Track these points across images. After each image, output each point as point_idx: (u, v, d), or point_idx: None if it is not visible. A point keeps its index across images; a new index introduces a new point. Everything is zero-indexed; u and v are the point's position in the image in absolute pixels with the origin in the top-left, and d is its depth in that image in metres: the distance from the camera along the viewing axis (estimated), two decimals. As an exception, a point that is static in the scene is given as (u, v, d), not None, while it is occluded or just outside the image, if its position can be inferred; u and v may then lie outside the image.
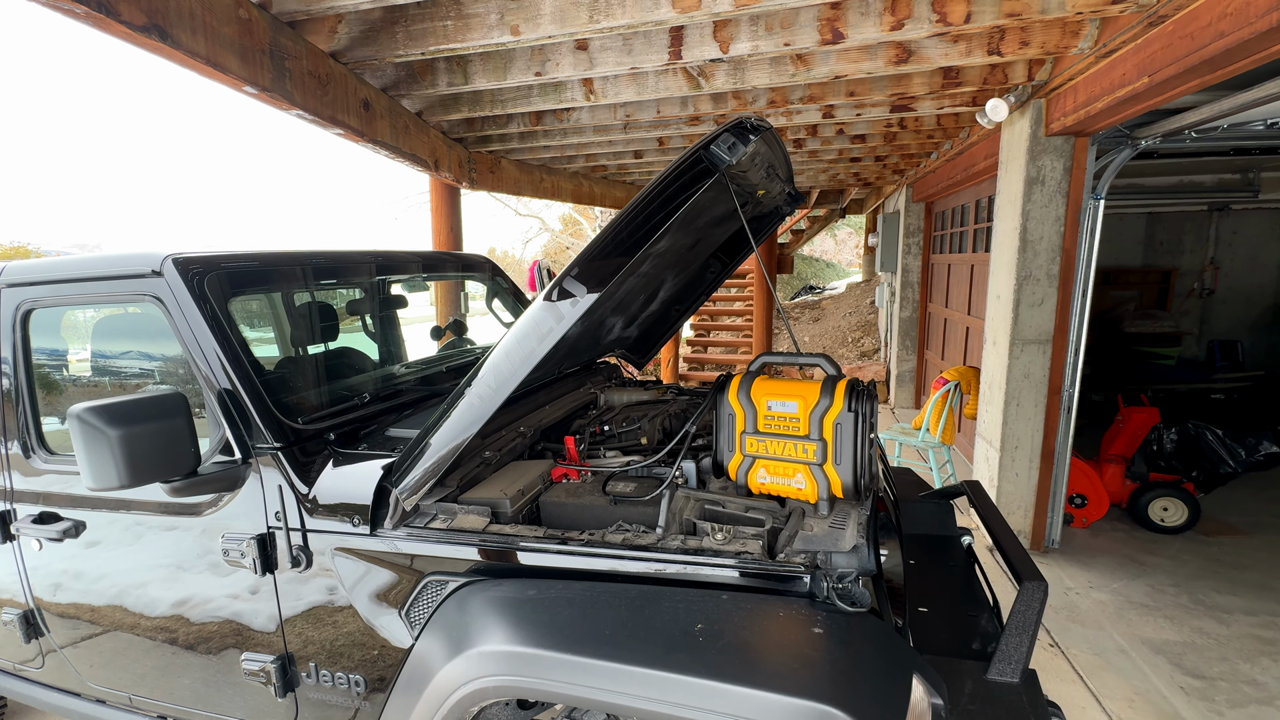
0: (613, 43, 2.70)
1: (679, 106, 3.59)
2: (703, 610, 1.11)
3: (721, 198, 1.63)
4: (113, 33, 1.67)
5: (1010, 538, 1.70)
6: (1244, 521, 3.76)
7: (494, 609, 1.21)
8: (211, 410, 1.48)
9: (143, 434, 1.30)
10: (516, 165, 5.03)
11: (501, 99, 3.38)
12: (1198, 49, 2.00)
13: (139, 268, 1.54)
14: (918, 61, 2.77)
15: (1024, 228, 3.16)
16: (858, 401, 1.26)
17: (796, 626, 1.07)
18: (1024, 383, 3.31)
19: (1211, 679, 2.41)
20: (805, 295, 13.40)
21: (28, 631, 1.85)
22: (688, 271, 2.33)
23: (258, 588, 1.50)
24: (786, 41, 2.51)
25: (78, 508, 1.71)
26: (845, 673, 0.99)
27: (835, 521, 1.28)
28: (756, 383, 1.36)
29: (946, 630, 1.53)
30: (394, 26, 2.49)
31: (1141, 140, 2.99)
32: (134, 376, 1.81)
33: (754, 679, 0.97)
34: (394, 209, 30.47)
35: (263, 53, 2.17)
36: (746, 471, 1.37)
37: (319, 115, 2.56)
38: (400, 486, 1.34)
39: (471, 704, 1.16)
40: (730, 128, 1.12)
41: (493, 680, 1.12)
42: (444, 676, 1.19)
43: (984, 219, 4.70)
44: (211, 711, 1.65)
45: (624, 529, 1.33)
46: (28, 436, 1.77)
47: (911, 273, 6.76)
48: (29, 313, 1.75)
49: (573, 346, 2.01)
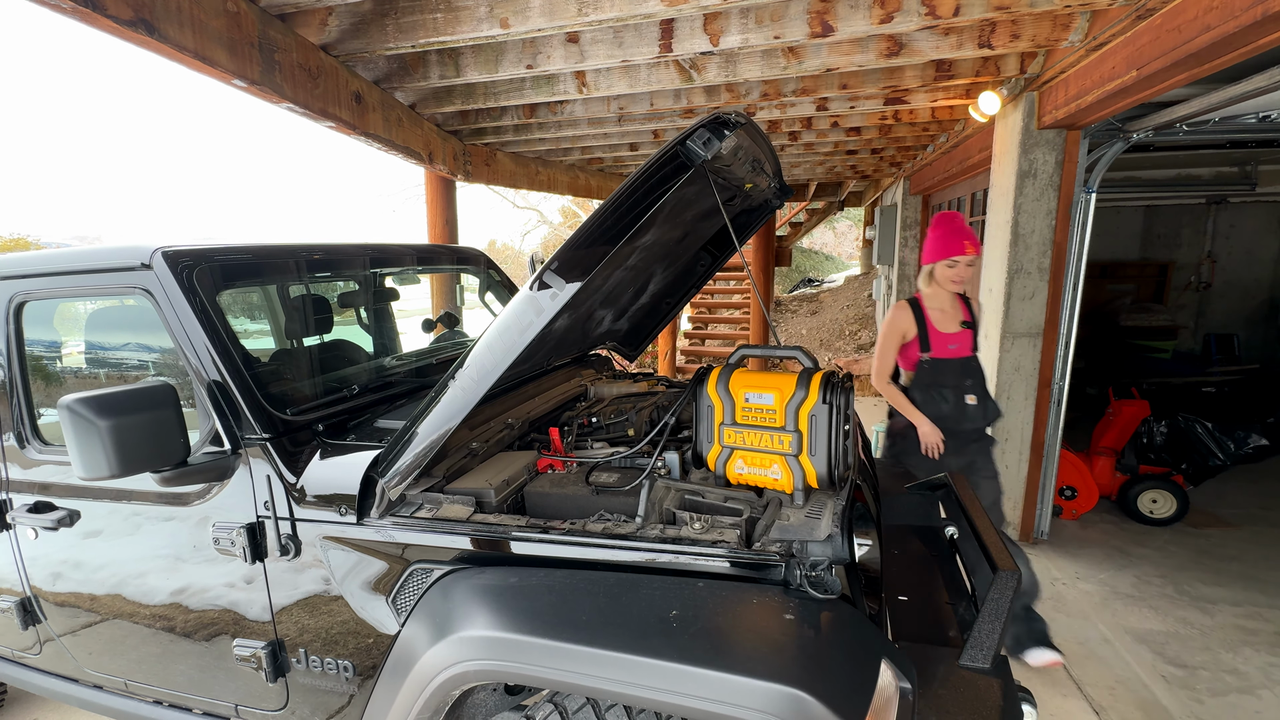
0: (603, 35, 2.70)
1: (672, 99, 3.59)
2: (678, 597, 1.14)
3: (705, 192, 1.64)
4: (100, 27, 1.67)
5: (988, 527, 1.72)
6: (1232, 514, 3.79)
7: (476, 596, 1.23)
8: (201, 401, 1.50)
9: (132, 424, 1.32)
10: (512, 158, 5.03)
11: (494, 92, 3.38)
12: (1185, 42, 2.00)
13: (129, 260, 1.56)
14: (909, 54, 2.77)
15: (1016, 221, 3.17)
16: (832, 393, 1.28)
17: (769, 613, 1.09)
18: (1014, 376, 3.33)
19: (1193, 668, 2.45)
20: (803, 288, 13.39)
21: (25, 619, 1.89)
22: (677, 265, 2.34)
23: (248, 576, 1.53)
24: (777, 34, 2.51)
25: (71, 497, 1.74)
26: (813, 657, 1.01)
27: (811, 511, 1.31)
28: (735, 375, 1.38)
29: (926, 618, 1.56)
30: (384, 19, 2.49)
31: (1133, 133, 2.99)
32: (127, 368, 1.83)
33: (724, 663, 1.00)
34: (391, 201, 30.35)
35: (251, 46, 2.17)
36: (725, 462, 1.39)
37: (310, 108, 2.57)
38: (386, 476, 1.36)
39: (453, 687, 1.19)
40: (706, 123, 1.14)
41: (473, 664, 1.15)
42: (427, 661, 1.22)
43: (979, 212, 4.70)
44: (205, 696, 1.68)
45: (605, 518, 1.36)
46: (22, 428, 1.80)
47: (908, 266, 6.77)
48: (22, 305, 1.77)
49: (561, 339, 2.03)
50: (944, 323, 2.47)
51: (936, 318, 2.47)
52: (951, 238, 2.38)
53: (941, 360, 2.45)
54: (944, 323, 2.47)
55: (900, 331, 2.51)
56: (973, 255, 2.37)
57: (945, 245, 2.40)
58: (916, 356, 2.49)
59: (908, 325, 2.50)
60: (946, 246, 2.40)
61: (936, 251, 2.43)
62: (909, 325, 2.49)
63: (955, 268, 2.41)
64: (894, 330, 2.50)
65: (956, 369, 2.45)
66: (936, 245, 2.43)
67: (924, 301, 2.50)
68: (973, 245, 2.38)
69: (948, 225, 2.42)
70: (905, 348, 2.54)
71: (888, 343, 2.52)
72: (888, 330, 2.52)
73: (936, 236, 2.44)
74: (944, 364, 2.45)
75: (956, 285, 2.44)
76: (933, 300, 2.50)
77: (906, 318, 2.49)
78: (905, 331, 2.50)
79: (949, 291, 2.47)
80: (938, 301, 2.49)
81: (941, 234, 2.42)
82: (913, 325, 2.48)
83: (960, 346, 2.46)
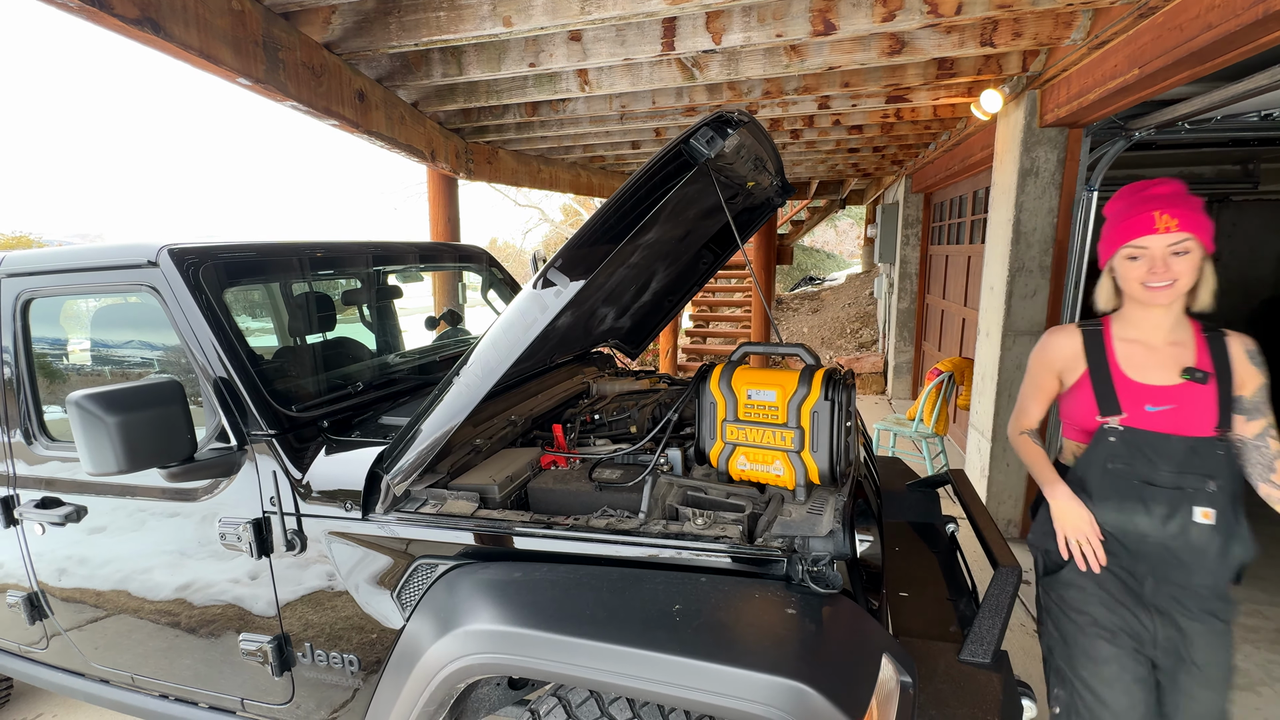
0: (606, 34, 2.70)
1: (674, 97, 3.59)
2: (681, 592, 1.15)
3: (708, 190, 1.65)
4: (106, 25, 1.68)
5: (990, 524, 1.74)
6: (1234, 512, 3.78)
7: (480, 591, 1.24)
8: (208, 398, 1.52)
9: (140, 420, 1.33)
10: (514, 156, 5.03)
11: (497, 90, 3.38)
12: (1186, 40, 2.00)
13: (135, 258, 1.57)
14: (911, 52, 2.77)
15: (1017, 219, 3.17)
16: (834, 390, 1.29)
17: (770, 607, 1.11)
18: (1016, 374, 3.33)
19: (1193, 665, 2.45)
20: (805, 286, 13.39)
21: (32, 614, 1.90)
22: (680, 263, 2.35)
23: (254, 571, 1.55)
24: (779, 32, 2.51)
25: (78, 493, 1.75)
26: (815, 651, 1.02)
27: (813, 507, 1.32)
28: (738, 372, 1.39)
29: (926, 614, 1.57)
30: (387, 17, 2.50)
31: (1135, 132, 2.99)
32: (134, 365, 1.85)
33: (726, 656, 1.01)
34: (393, 199, 30.38)
35: (256, 44, 2.18)
36: (727, 459, 1.40)
37: (313, 107, 2.58)
38: (391, 472, 1.37)
39: (458, 680, 1.20)
40: (709, 122, 1.14)
41: (477, 658, 1.16)
42: (432, 655, 1.23)
43: (981, 210, 4.70)
44: (211, 690, 1.70)
45: (608, 514, 1.37)
46: (29, 424, 1.81)
47: (910, 264, 6.76)
48: (29, 302, 1.78)
49: (564, 337, 2.04)
50: (1145, 366, 1.39)
51: (1130, 356, 1.41)
52: (1134, 211, 1.34)
53: (1139, 435, 1.36)
54: (1145, 366, 1.39)
55: (1052, 369, 1.50)
56: (1176, 235, 1.29)
57: (1124, 224, 1.35)
58: (1090, 420, 1.42)
59: (1067, 361, 1.47)
60: (1125, 225, 1.35)
61: (1111, 236, 1.39)
62: (1070, 360, 1.46)
63: (1141, 259, 1.33)
64: (1042, 365, 1.52)
65: (1171, 454, 1.34)
66: (1113, 228, 1.39)
67: (1111, 330, 1.45)
68: (1175, 214, 1.29)
69: (1130, 196, 1.38)
70: (1069, 402, 1.48)
71: (1029, 382, 1.57)
72: (1032, 363, 1.56)
73: (1114, 213, 1.40)
74: (1144, 442, 1.35)
75: (1158, 295, 1.33)
76: (1130, 325, 1.42)
77: (1067, 346, 1.47)
78: (1062, 371, 1.48)
79: (1158, 308, 1.36)
80: (1137, 328, 1.41)
81: (1121, 208, 1.38)
82: (1078, 361, 1.45)
83: (1179, 412, 1.34)
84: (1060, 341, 1.49)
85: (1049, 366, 1.51)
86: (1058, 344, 1.49)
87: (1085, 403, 1.43)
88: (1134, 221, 1.33)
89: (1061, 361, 1.48)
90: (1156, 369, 1.37)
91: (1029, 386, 1.58)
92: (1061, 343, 1.48)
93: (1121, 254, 1.36)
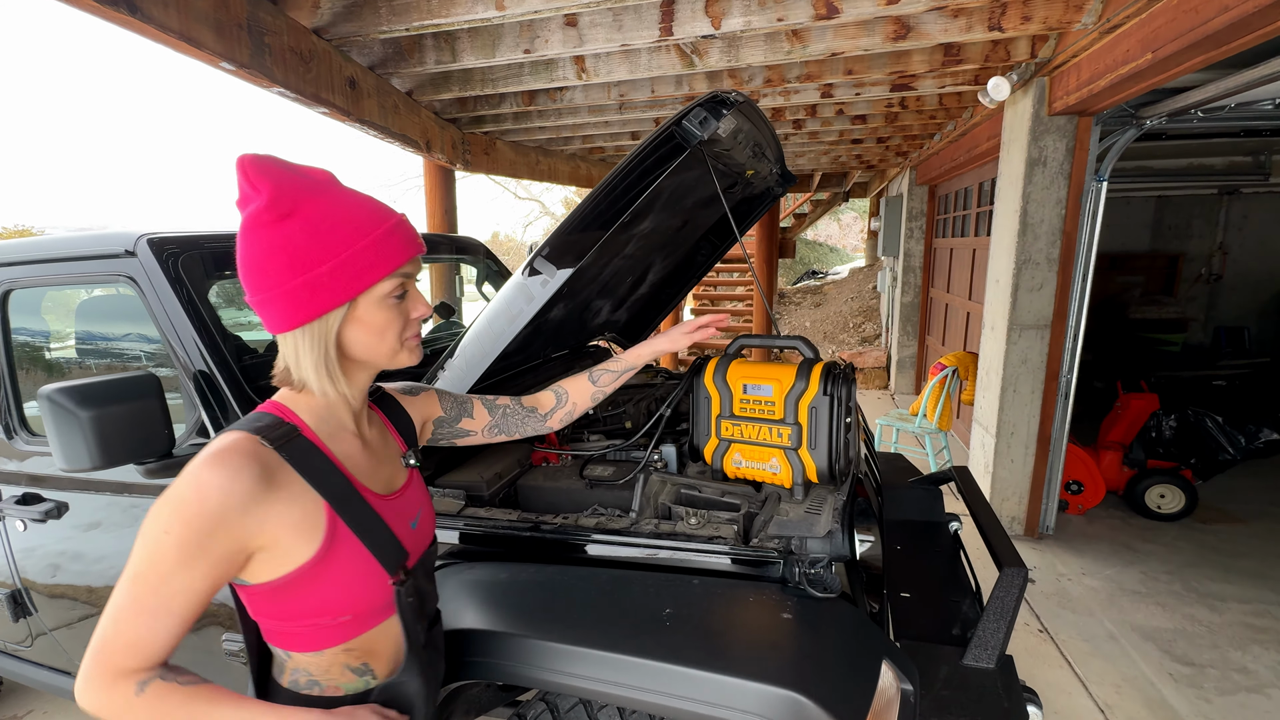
0: (602, 18, 2.63)
1: (674, 85, 3.52)
2: (673, 595, 1.10)
3: (704, 178, 1.59)
4: (80, 6, 1.63)
5: (994, 523, 1.68)
6: (1242, 509, 3.73)
7: (466, 592, 1.20)
8: (187, 393, 1.47)
9: (114, 415, 1.28)
10: (512, 147, 4.96)
11: (492, 78, 3.32)
12: (1202, 23, 1.93)
13: (113, 247, 1.52)
14: (917, 37, 2.69)
15: (1024, 210, 3.10)
16: (833, 385, 1.23)
17: (766, 612, 1.06)
18: (1021, 368, 3.27)
19: (1201, 666, 2.41)
20: (807, 280, 13.30)
21: (16, 611, 1.87)
22: (677, 254, 2.29)
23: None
24: (780, 16, 2.44)
25: (59, 489, 1.71)
26: (812, 658, 0.97)
27: (811, 507, 1.27)
28: (733, 366, 1.33)
29: (929, 616, 1.52)
30: (377, 2, 2.43)
31: (1146, 120, 2.91)
32: (117, 358, 1.80)
33: (719, 664, 0.96)
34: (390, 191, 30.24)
35: (240, 27, 2.12)
36: (722, 456, 1.35)
37: (302, 93, 2.52)
38: (373, 469, 1.32)
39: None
40: (703, 102, 1.09)
41: (461, 661, 1.12)
42: (414, 659, 1.18)
43: (987, 202, 4.62)
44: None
45: (599, 513, 1.32)
46: (9, 418, 1.77)
47: (914, 257, 6.68)
48: (7, 293, 1.74)
49: (558, 329, 1.99)
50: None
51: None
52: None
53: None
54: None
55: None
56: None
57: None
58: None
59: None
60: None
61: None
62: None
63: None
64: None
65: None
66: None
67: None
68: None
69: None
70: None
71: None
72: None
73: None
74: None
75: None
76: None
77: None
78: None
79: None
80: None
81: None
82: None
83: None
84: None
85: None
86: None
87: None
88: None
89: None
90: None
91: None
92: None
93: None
